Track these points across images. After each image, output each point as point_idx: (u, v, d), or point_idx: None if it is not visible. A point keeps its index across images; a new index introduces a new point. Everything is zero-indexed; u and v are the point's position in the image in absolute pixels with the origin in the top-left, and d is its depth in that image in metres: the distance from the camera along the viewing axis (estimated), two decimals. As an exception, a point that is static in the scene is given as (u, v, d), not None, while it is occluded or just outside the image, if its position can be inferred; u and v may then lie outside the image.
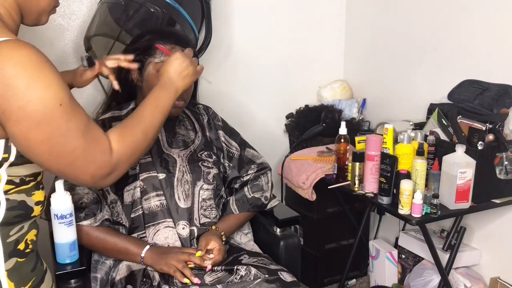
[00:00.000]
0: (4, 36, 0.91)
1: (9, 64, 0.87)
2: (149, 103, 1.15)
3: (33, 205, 1.04)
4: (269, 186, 1.71)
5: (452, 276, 2.01)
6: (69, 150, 0.95)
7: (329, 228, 2.42)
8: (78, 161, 0.97)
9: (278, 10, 2.51)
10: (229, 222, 1.62)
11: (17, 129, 0.90)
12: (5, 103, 0.88)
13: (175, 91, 1.21)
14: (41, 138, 0.92)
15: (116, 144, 1.02)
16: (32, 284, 1.05)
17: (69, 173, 1.00)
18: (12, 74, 0.87)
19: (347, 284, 2.49)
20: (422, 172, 1.73)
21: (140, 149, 1.10)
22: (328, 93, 2.63)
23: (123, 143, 1.04)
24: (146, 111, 1.13)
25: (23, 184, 1.01)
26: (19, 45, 0.90)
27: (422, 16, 2.22)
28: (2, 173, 0.97)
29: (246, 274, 1.41)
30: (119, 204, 1.52)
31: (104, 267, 1.51)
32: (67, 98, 0.93)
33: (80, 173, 1.00)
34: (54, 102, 0.91)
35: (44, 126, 0.91)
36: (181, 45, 1.52)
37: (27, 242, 1.05)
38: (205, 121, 1.70)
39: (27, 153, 0.95)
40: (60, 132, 0.93)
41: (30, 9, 1.04)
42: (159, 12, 1.75)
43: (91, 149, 0.98)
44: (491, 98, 1.86)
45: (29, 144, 0.92)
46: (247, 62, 2.48)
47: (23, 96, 0.88)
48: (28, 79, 0.88)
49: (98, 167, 1.00)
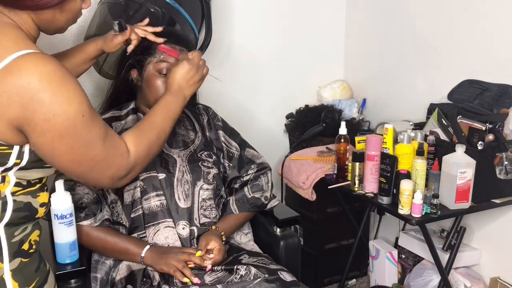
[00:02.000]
0: (29, 48, 0.93)
1: (35, 78, 0.90)
2: (160, 109, 1.22)
3: (38, 206, 1.05)
4: (269, 186, 1.71)
5: (452, 276, 2.01)
6: (91, 157, 1.00)
7: (329, 228, 2.42)
8: (98, 166, 1.02)
9: (278, 10, 2.51)
10: (229, 222, 1.62)
11: (42, 140, 0.94)
12: (30, 115, 0.91)
13: (183, 98, 1.29)
14: (64, 148, 0.96)
15: (132, 146, 1.09)
16: (36, 284, 1.06)
17: (90, 177, 1.06)
18: (38, 88, 0.90)
19: (347, 284, 2.49)
20: (422, 172, 1.73)
21: (154, 151, 1.17)
22: (328, 93, 2.63)
23: (139, 146, 1.11)
24: (158, 117, 1.20)
25: (30, 186, 1.03)
26: (45, 59, 0.93)
27: (422, 16, 2.22)
28: (11, 176, 0.99)
29: (246, 274, 1.41)
30: (119, 204, 1.52)
31: (104, 267, 1.51)
32: (88, 109, 0.98)
33: (101, 177, 1.05)
34: (77, 114, 0.95)
35: (67, 138, 0.95)
36: (181, 45, 1.52)
37: (31, 242, 1.06)
38: (205, 121, 1.70)
39: (51, 161, 0.99)
40: (82, 142, 0.98)
41: (49, 28, 1.07)
42: (159, 12, 1.75)
43: (110, 154, 1.04)
44: (491, 98, 1.86)
45: (53, 153, 0.97)
46: (247, 62, 2.48)
47: (48, 109, 0.92)
48: (53, 93, 0.92)
49: (117, 170, 1.06)
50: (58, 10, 1.03)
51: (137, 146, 1.10)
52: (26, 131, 0.94)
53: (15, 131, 0.94)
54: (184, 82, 1.29)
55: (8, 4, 0.99)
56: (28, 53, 0.92)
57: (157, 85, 1.51)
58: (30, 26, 1.02)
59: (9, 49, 0.92)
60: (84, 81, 2.13)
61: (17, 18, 1.00)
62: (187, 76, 1.30)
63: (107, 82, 1.89)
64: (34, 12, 1.00)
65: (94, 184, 1.10)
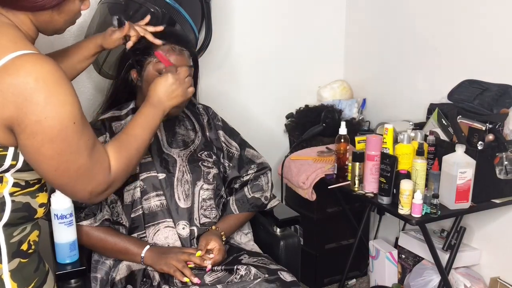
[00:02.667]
0: (27, 49, 0.93)
1: (31, 78, 0.89)
2: (140, 121, 1.21)
3: (37, 207, 1.05)
4: (269, 186, 1.71)
5: (452, 276, 2.01)
6: (75, 167, 0.99)
7: (329, 228, 2.42)
8: (81, 178, 1.01)
9: (278, 10, 2.50)
10: (229, 222, 1.62)
11: (30, 142, 0.93)
12: (22, 116, 0.90)
13: (163, 111, 1.27)
14: (51, 153, 0.94)
15: (114, 162, 1.07)
16: (35, 285, 1.06)
17: (69, 188, 1.03)
18: (34, 88, 0.89)
19: (347, 284, 2.49)
20: (422, 172, 1.73)
21: (133, 164, 1.16)
22: (328, 93, 2.63)
23: (120, 160, 1.08)
24: (138, 129, 1.19)
25: (28, 186, 1.02)
26: (43, 60, 0.92)
27: (422, 16, 2.22)
28: (8, 177, 0.99)
29: (246, 274, 1.41)
30: (119, 204, 1.52)
31: (104, 267, 1.51)
32: (79, 116, 0.96)
33: (80, 190, 1.03)
34: (69, 119, 0.94)
35: (57, 143, 0.94)
36: (181, 45, 1.52)
37: (30, 242, 1.06)
38: (205, 121, 1.70)
39: (35, 166, 0.98)
40: (70, 149, 0.96)
41: (47, 29, 1.06)
42: (159, 12, 1.75)
43: (95, 169, 1.02)
44: (491, 98, 1.86)
45: (39, 158, 0.95)
46: (247, 62, 2.48)
47: (41, 111, 0.90)
48: (49, 93, 0.91)
49: (97, 184, 1.04)
50: (56, 12, 1.02)
51: (118, 160, 1.08)
52: (16, 132, 0.92)
53: (6, 131, 0.93)
54: (165, 96, 1.27)
55: (6, 5, 0.98)
56: (26, 53, 0.91)
57: (157, 85, 1.51)
58: (28, 26, 1.01)
59: (7, 49, 0.91)
60: (84, 81, 2.13)
61: (15, 19, 0.99)
62: (169, 90, 1.28)
63: (107, 82, 1.89)
64: (32, 13, 1.00)
65: (72, 196, 1.07)
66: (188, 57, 1.55)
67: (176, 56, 1.51)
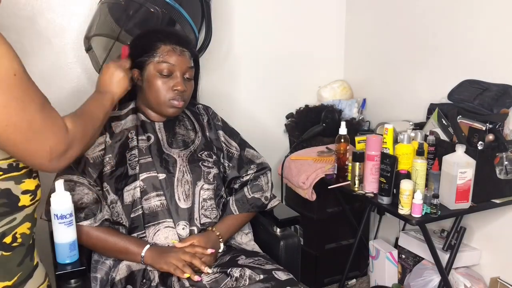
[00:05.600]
0: None
1: None
2: (92, 100, 1.36)
3: (19, 193, 1.00)
4: (269, 186, 1.71)
5: (452, 276, 2.01)
6: (27, 120, 0.95)
7: (329, 228, 2.42)
8: (36, 135, 0.97)
9: (278, 10, 2.51)
10: (228, 223, 1.62)
11: None
12: None
13: (111, 96, 1.41)
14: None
15: (70, 124, 1.08)
16: (18, 279, 1.03)
17: (26, 148, 0.97)
18: None
19: (347, 284, 2.49)
20: (422, 172, 1.73)
21: (89, 134, 1.22)
22: (328, 93, 2.63)
23: (76, 124, 1.10)
24: (90, 105, 1.32)
25: (13, 170, 0.99)
26: None
27: (422, 16, 2.22)
28: None
29: (240, 276, 1.41)
30: (119, 204, 1.52)
31: (104, 267, 1.51)
32: (21, 71, 0.95)
33: (38, 149, 0.98)
34: (7, 71, 0.92)
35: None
36: (181, 45, 1.53)
37: (16, 235, 1.02)
38: (205, 121, 1.70)
39: None
40: (16, 101, 0.93)
41: None
42: (159, 12, 1.75)
43: (48, 123, 0.99)
44: (491, 98, 1.86)
45: None
46: (247, 62, 2.48)
47: None
48: None
49: (55, 143, 1.01)
50: None
51: (74, 123, 1.09)
52: None
53: None
54: (108, 81, 1.43)
55: None
56: None
57: (158, 85, 1.52)
58: None
59: None
60: (84, 81, 2.13)
61: None
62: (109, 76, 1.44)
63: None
64: None
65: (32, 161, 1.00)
66: (189, 57, 1.56)
67: (177, 57, 1.52)
